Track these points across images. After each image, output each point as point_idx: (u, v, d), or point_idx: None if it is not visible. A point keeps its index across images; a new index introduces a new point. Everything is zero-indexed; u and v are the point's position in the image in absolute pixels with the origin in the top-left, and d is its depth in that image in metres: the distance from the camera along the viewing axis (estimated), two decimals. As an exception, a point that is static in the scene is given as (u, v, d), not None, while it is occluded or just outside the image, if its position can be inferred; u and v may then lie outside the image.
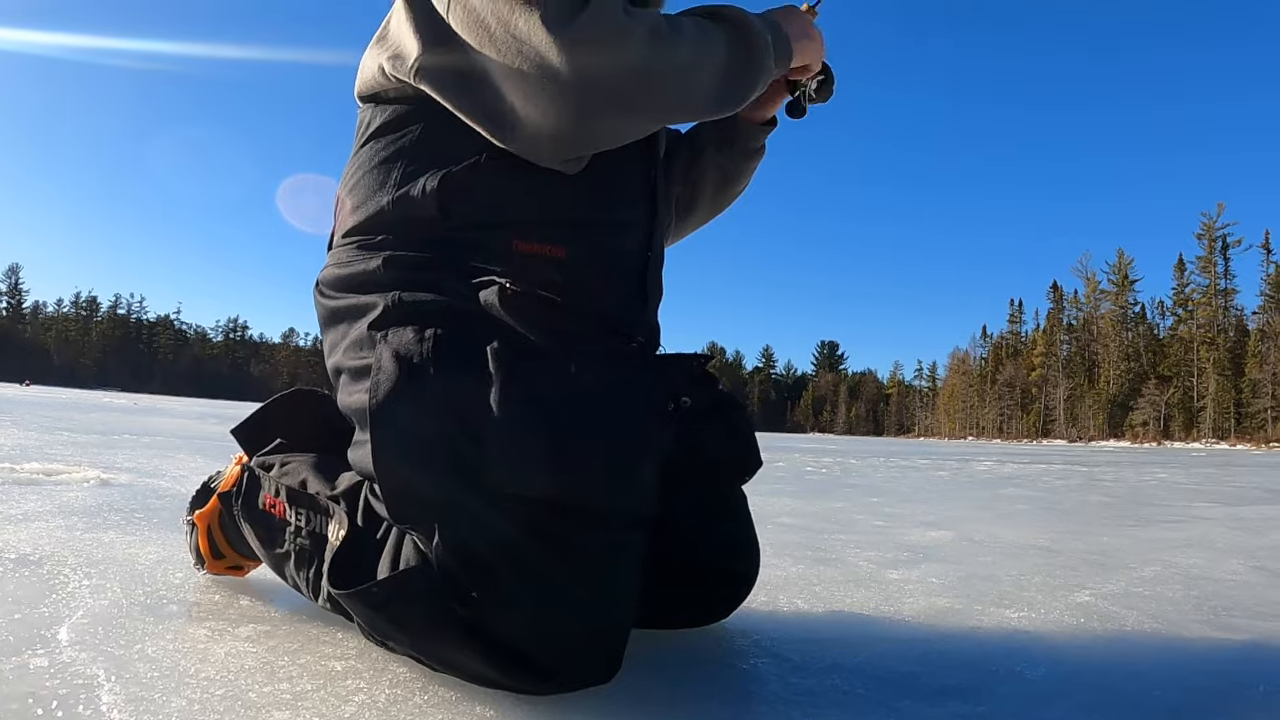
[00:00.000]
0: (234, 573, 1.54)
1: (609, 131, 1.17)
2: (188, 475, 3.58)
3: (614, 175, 1.26)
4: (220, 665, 1.07)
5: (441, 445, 1.02)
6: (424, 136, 1.22)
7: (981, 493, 5.60)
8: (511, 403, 1.02)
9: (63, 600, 1.34)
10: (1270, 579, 2.21)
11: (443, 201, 1.18)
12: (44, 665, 1.02)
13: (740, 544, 1.39)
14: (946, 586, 1.92)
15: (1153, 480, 7.88)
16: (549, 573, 1.00)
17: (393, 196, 1.20)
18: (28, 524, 2.03)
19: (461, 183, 1.18)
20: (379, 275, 1.19)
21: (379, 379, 1.06)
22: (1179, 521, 3.83)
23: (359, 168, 1.27)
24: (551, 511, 1.01)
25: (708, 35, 1.18)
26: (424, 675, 1.06)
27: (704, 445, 1.34)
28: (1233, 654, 1.43)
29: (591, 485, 1.03)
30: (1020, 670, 1.26)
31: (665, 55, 1.12)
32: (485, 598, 0.98)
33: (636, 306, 1.31)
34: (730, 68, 1.20)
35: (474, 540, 1.00)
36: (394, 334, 1.10)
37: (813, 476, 6.70)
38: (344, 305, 1.22)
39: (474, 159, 1.18)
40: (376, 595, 1.02)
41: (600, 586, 1.05)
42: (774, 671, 1.21)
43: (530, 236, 1.20)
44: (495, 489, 1.00)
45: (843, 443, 31.23)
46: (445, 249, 1.18)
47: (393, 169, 1.22)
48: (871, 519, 3.46)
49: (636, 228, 1.32)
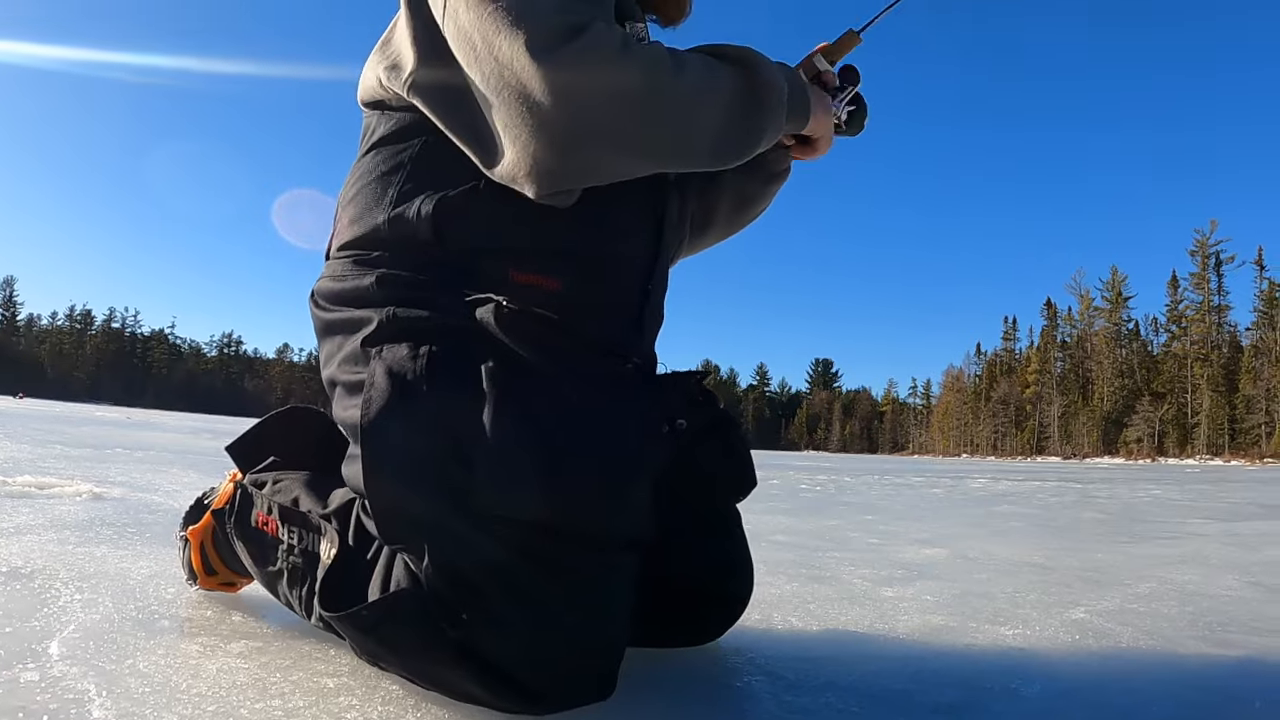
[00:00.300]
0: (226, 589, 1.53)
1: (592, 170, 1.11)
2: (180, 490, 3.57)
3: (614, 207, 1.21)
4: (212, 681, 1.07)
5: (432, 465, 1.00)
6: (424, 153, 1.19)
7: (976, 510, 5.60)
8: (505, 423, 1.01)
9: (54, 614, 1.33)
10: (1265, 594, 2.21)
11: (438, 226, 1.15)
12: (35, 679, 1.02)
13: (735, 564, 1.38)
14: (941, 604, 1.92)
15: (1147, 497, 7.88)
16: (541, 595, 0.99)
17: (388, 215, 1.18)
18: (19, 537, 2.02)
19: (458, 208, 1.15)
20: (373, 293, 1.17)
21: (371, 395, 1.04)
22: (1174, 538, 3.83)
23: (359, 178, 1.25)
24: (544, 534, 0.99)
25: (714, 74, 1.13)
26: (417, 693, 1.06)
27: (699, 463, 1.33)
28: (1229, 669, 1.43)
29: (585, 508, 1.02)
30: (1015, 688, 1.25)
31: (661, 90, 1.07)
32: (476, 620, 0.97)
33: (633, 336, 1.29)
34: (733, 113, 1.14)
35: (464, 562, 0.99)
36: (388, 350, 1.08)
37: (807, 494, 6.69)
38: (339, 319, 1.21)
39: (472, 184, 1.15)
40: (366, 618, 1.01)
41: (593, 609, 1.03)
42: (768, 689, 1.21)
43: (527, 267, 1.17)
44: (485, 511, 0.98)
45: (837, 460, 31.24)
46: (440, 273, 1.16)
47: (390, 185, 1.20)
48: (866, 536, 3.46)
49: (637, 261, 1.28)
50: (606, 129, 1.06)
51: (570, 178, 1.10)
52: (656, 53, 1.08)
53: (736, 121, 1.15)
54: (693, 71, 1.10)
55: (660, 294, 1.34)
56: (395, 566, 1.04)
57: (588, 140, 1.06)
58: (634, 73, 1.05)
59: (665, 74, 1.07)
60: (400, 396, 1.03)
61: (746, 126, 1.16)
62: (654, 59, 1.07)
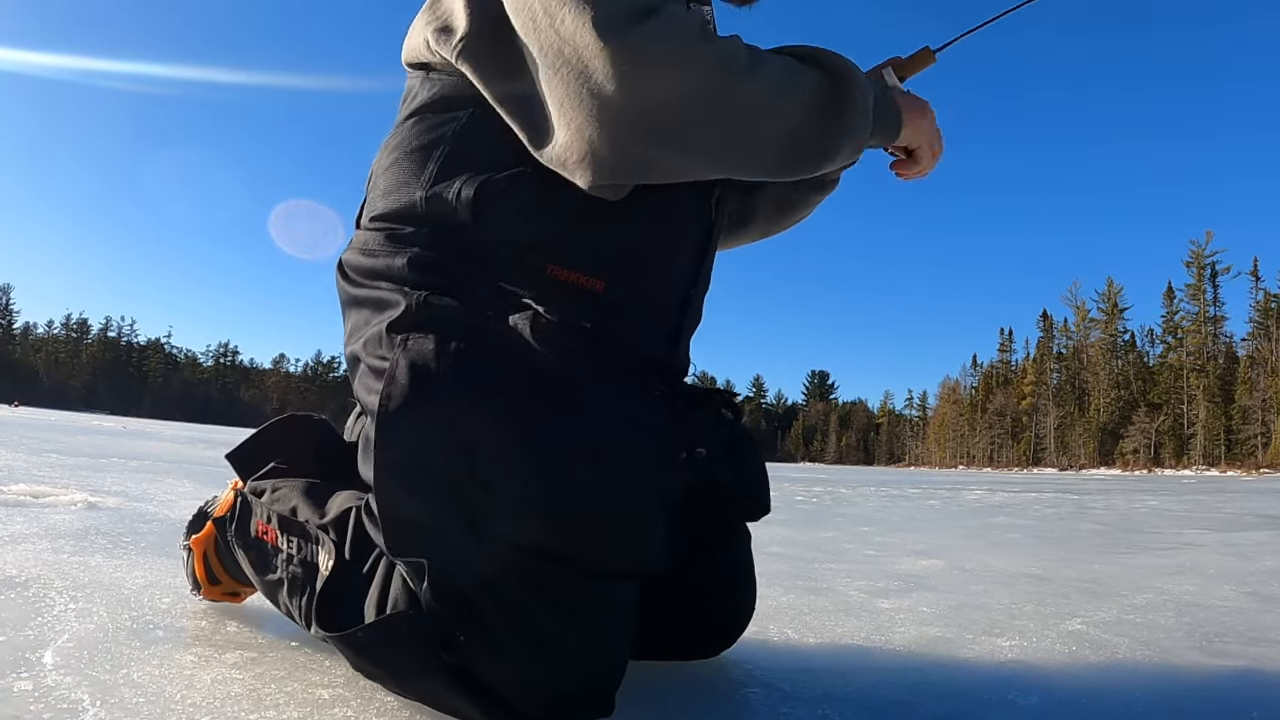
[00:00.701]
0: (230, 599, 1.52)
1: (649, 166, 1.02)
2: (176, 500, 3.56)
3: (666, 204, 1.15)
4: (206, 692, 1.06)
5: (443, 476, 0.97)
6: (470, 127, 1.12)
7: (972, 521, 5.60)
8: (524, 447, 0.97)
9: (48, 623, 1.33)
10: (1262, 604, 2.21)
11: (478, 210, 1.09)
12: (28, 689, 1.01)
13: (741, 589, 1.36)
14: (938, 615, 1.92)
15: (1144, 507, 7.88)
16: (542, 622, 0.96)
17: (425, 193, 1.12)
18: (14, 546, 2.01)
19: (501, 193, 1.09)
20: (404, 274, 1.11)
21: (391, 391, 1.00)
22: (1170, 548, 3.83)
23: (397, 146, 1.18)
24: (552, 561, 0.97)
25: (795, 79, 1.05)
26: (412, 705, 1.05)
27: (718, 483, 1.30)
28: (1226, 680, 1.43)
29: (598, 543, 0.99)
30: (1013, 699, 1.25)
31: (734, 89, 0.99)
32: (473, 642, 0.94)
33: (669, 345, 1.24)
34: (810, 125, 1.05)
35: (465, 580, 0.96)
36: (413, 341, 1.03)
37: (803, 505, 6.68)
38: (366, 295, 1.16)
39: (518, 169, 1.08)
40: (361, 640, 0.99)
41: (594, 635, 1.00)
42: (765, 701, 1.20)
43: (568, 263, 1.11)
44: (492, 532, 0.96)
45: (833, 472, 31.21)
46: (475, 262, 1.11)
47: (430, 159, 1.13)
48: (862, 548, 3.45)
49: (683, 262, 1.23)
50: (670, 124, 0.98)
51: (624, 171, 1.02)
52: (733, 47, 1.01)
53: (812, 134, 1.07)
54: (771, 73, 1.03)
55: (702, 295, 1.29)
56: (393, 584, 1.02)
57: (649, 134, 0.98)
58: (707, 66, 0.97)
59: (740, 71, 0.99)
60: (419, 396, 1.00)
61: (822, 141, 1.08)
62: (729, 53, 1.00)
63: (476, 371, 1.01)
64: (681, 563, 1.19)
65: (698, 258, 1.25)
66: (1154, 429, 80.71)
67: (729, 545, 1.37)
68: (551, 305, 1.08)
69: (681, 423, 1.22)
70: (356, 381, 1.15)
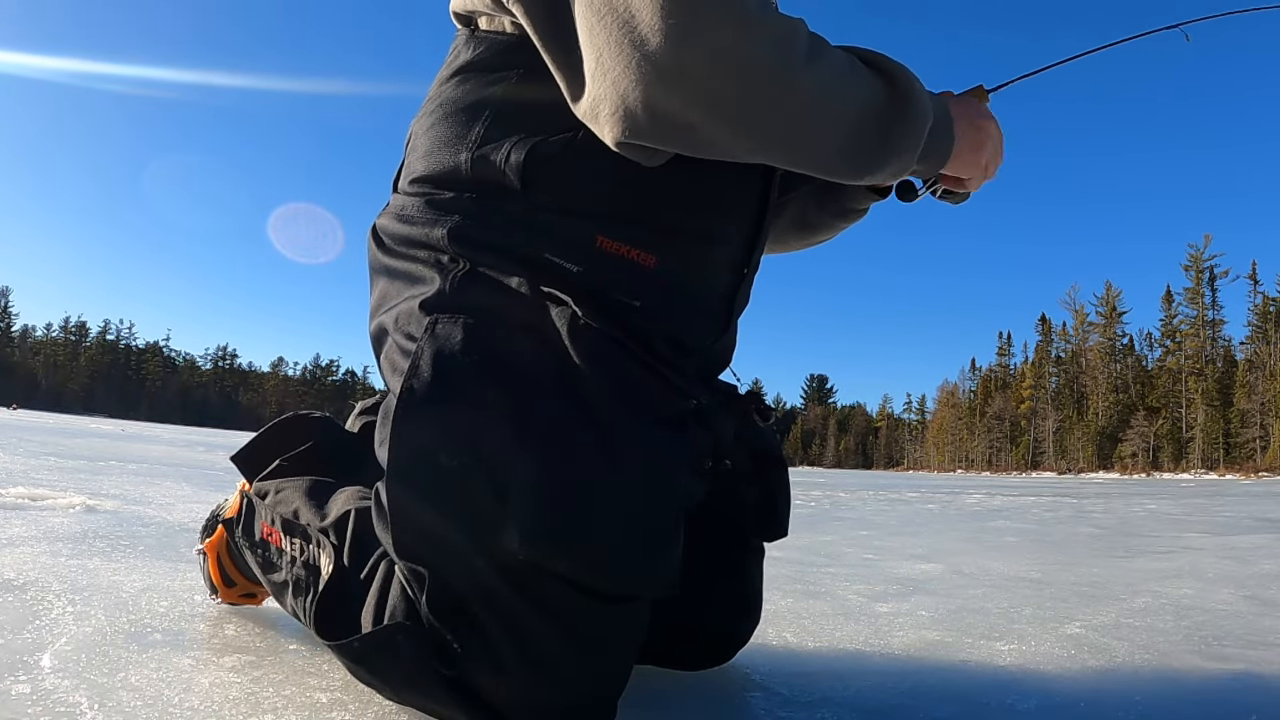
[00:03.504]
0: (249, 601, 1.51)
1: (682, 135, 0.95)
2: (174, 503, 3.55)
3: (728, 181, 1.11)
4: (204, 696, 1.06)
5: (454, 480, 0.94)
6: (519, 87, 1.06)
7: (971, 525, 5.59)
8: (540, 464, 0.94)
9: (46, 627, 1.32)
10: (1261, 608, 2.21)
11: (527, 176, 1.03)
12: (26, 692, 1.01)
13: (750, 608, 1.34)
14: (936, 619, 1.92)
15: (1142, 511, 7.88)
16: (544, 638, 0.94)
17: (471, 155, 1.06)
18: (12, 549, 2.01)
19: (551, 158, 1.03)
20: (443, 244, 1.06)
21: (414, 383, 0.97)
22: (1169, 552, 3.83)
23: (439, 105, 1.13)
24: (554, 577, 0.94)
25: (855, 77, 0.99)
26: (410, 710, 1.05)
27: (739, 503, 1.27)
28: (1225, 684, 1.43)
29: (606, 569, 0.97)
30: (1011, 703, 1.25)
31: (790, 71, 0.92)
32: (472, 655, 0.93)
33: (715, 331, 1.18)
34: (863, 128, 0.99)
35: (466, 592, 0.94)
36: (443, 327, 1.00)
37: (802, 509, 6.67)
38: (400, 267, 1.11)
39: (570, 133, 1.02)
40: (358, 649, 0.98)
41: (599, 654, 0.98)
42: (763, 705, 1.20)
43: (618, 235, 1.06)
44: (498, 543, 0.93)
45: (832, 476, 31.20)
46: (520, 231, 1.05)
47: (476, 120, 1.08)
48: (861, 552, 3.45)
49: (737, 244, 1.17)
50: (715, 94, 0.91)
51: (655, 133, 0.94)
52: (796, 27, 0.94)
53: (865, 138, 1.00)
54: (832, 65, 0.97)
55: (752, 276, 1.25)
56: (391, 591, 1.00)
57: (690, 99, 0.91)
58: (765, 41, 0.90)
59: (800, 55, 0.93)
60: (441, 390, 0.97)
61: (873, 148, 1.02)
62: (792, 32, 0.93)
63: (503, 372, 0.98)
64: (693, 582, 1.14)
65: (753, 234, 1.20)
66: (1152, 432, 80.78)
67: (744, 566, 1.33)
68: (600, 278, 1.04)
69: (709, 428, 1.15)
70: (383, 357, 1.11)
